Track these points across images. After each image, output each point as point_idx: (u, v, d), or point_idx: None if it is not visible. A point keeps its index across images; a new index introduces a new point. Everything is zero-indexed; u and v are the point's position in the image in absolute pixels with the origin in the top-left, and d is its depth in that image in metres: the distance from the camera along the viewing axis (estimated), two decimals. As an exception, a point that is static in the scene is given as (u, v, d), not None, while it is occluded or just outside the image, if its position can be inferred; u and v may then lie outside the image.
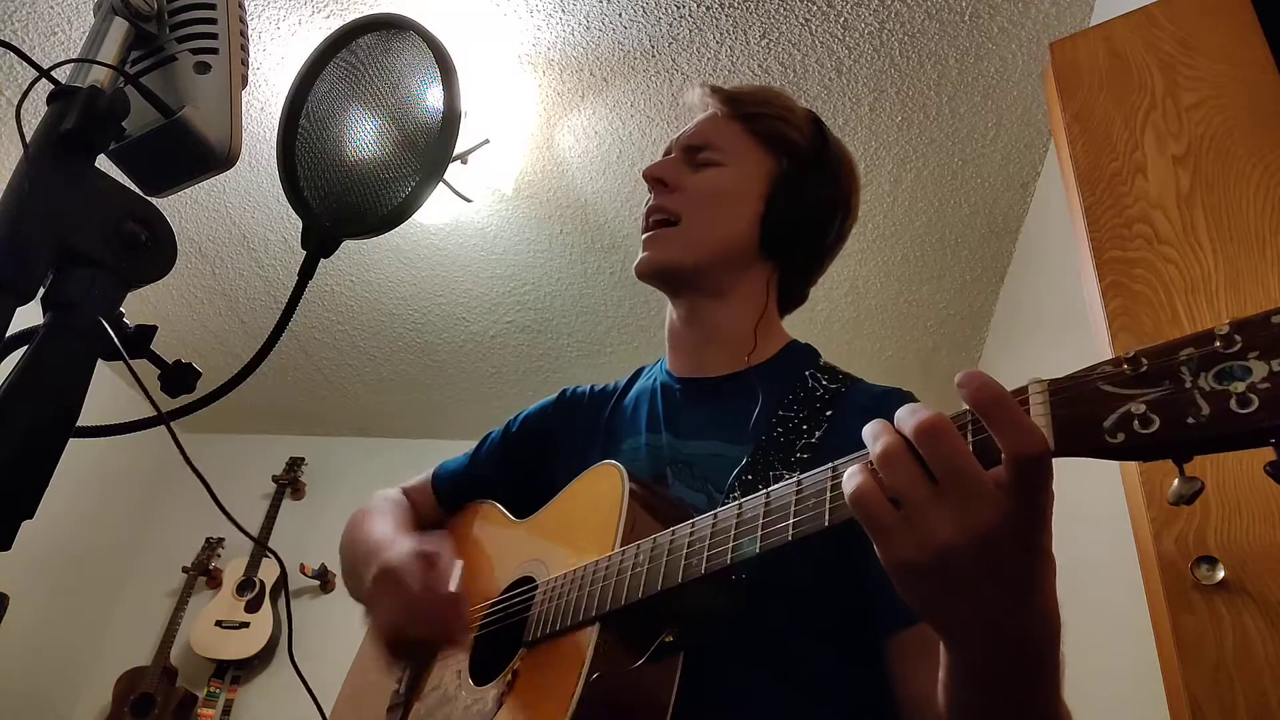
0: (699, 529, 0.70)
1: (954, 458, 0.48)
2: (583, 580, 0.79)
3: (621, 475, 0.84)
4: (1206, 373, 0.43)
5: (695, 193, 1.01)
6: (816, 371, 0.97)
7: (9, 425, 0.48)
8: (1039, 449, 0.46)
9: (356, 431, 4.32)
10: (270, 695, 3.66)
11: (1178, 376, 0.43)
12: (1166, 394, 0.43)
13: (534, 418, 1.15)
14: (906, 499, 0.50)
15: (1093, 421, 0.46)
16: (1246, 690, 1.06)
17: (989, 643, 0.53)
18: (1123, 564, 1.45)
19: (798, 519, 0.60)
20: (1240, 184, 1.32)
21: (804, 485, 0.61)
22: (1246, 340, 0.42)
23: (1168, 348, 0.44)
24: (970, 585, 0.50)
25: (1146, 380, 0.44)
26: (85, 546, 3.76)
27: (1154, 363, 0.44)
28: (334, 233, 0.65)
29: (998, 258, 3.01)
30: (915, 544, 0.50)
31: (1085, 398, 0.46)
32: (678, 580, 0.69)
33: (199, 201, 2.98)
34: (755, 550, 0.63)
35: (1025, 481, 0.47)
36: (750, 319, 1.01)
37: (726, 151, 1.02)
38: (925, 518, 0.49)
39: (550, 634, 0.80)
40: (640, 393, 1.08)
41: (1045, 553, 0.51)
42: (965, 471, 0.48)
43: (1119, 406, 0.45)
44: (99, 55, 0.58)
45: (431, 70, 0.64)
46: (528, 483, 1.07)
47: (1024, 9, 2.19)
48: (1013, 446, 0.46)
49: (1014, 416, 0.47)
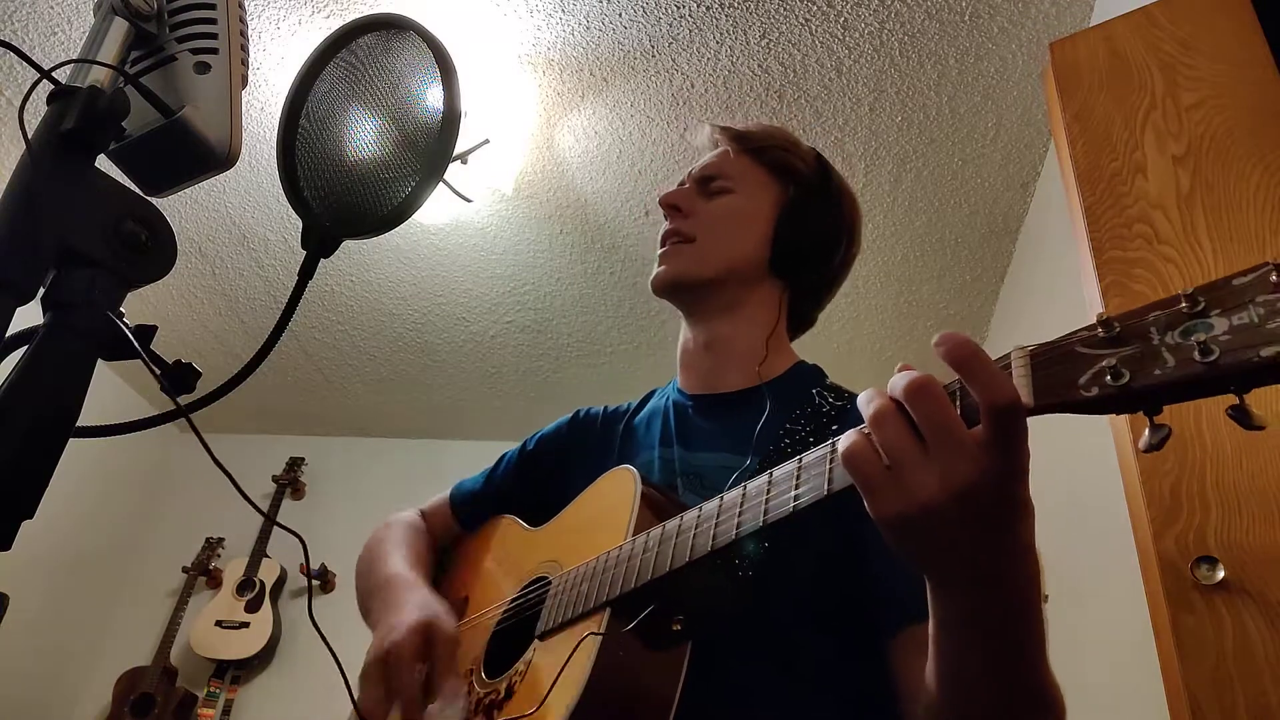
0: (706, 511, 0.72)
1: (939, 413, 0.52)
2: (594, 571, 0.81)
3: (634, 477, 0.87)
4: (1173, 331, 0.46)
5: (709, 216, 1.06)
6: (823, 390, 1.01)
7: (9, 425, 0.48)
8: (1009, 397, 0.50)
9: (356, 431, 4.32)
10: (270, 695, 3.66)
11: (1146, 335, 0.47)
12: (1136, 351, 0.47)
13: (549, 438, 1.19)
14: (895, 456, 0.53)
15: (1068, 378, 0.49)
16: (1246, 690, 1.06)
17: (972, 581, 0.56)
18: (1123, 564, 1.45)
19: (799, 489, 0.62)
20: (1240, 184, 1.32)
21: (805, 461, 0.64)
22: (1209, 300, 0.45)
23: (1138, 311, 0.48)
24: (954, 535, 0.53)
25: (1118, 341, 0.48)
26: (85, 546, 3.76)
27: (1125, 325, 0.48)
28: (334, 233, 0.65)
29: (998, 258, 3.01)
30: (903, 499, 0.53)
31: (1062, 359, 0.50)
32: (686, 559, 0.70)
33: (199, 201, 2.98)
34: (759, 522, 0.64)
35: (1001, 434, 0.50)
36: (761, 333, 1.06)
37: (737, 179, 1.09)
38: (912, 473, 0.52)
39: (562, 624, 0.81)
40: (653, 411, 1.12)
41: (1024, 502, 0.54)
42: (949, 426, 0.52)
43: (1093, 364, 0.49)
44: (99, 55, 0.58)
45: (431, 70, 0.64)
46: (544, 500, 1.09)
47: (1024, 9, 2.19)
48: (986, 396, 0.50)
49: (987, 368, 0.50)
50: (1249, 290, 0.44)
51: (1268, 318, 0.43)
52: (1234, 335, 0.44)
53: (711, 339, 1.07)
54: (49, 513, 0.50)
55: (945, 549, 0.55)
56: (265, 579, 3.82)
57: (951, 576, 0.57)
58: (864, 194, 2.77)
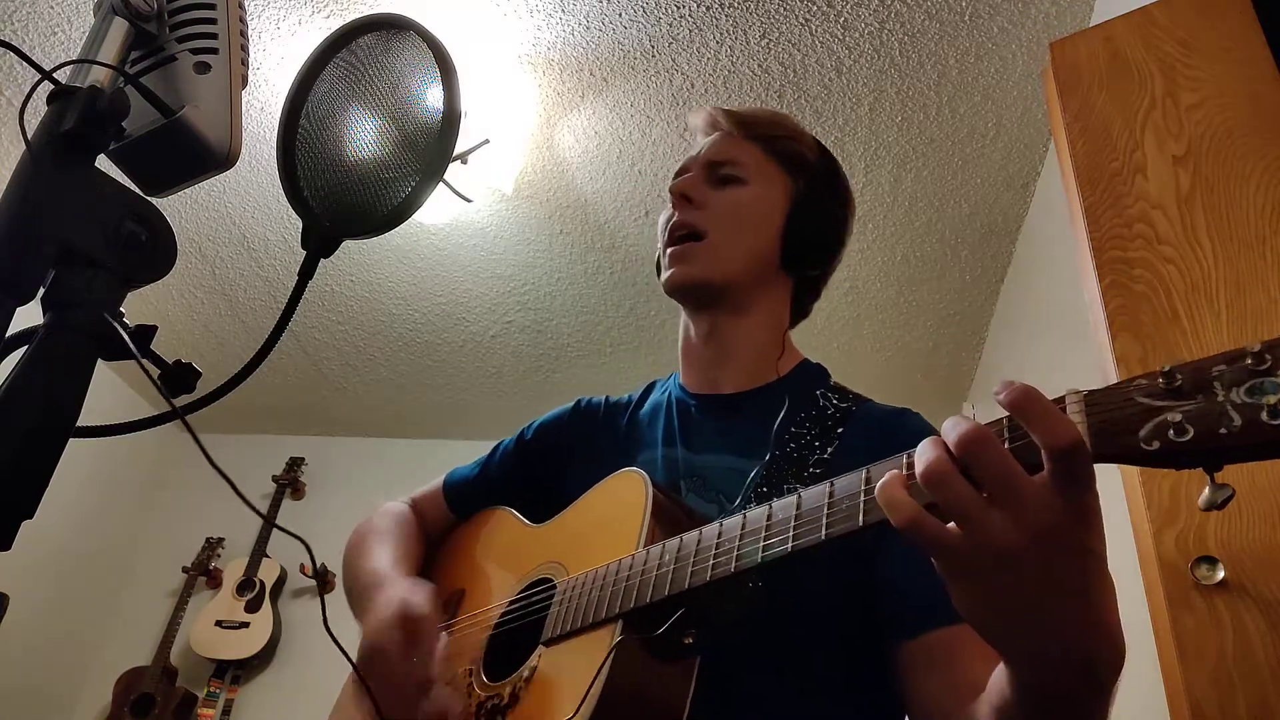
0: (727, 529, 0.70)
1: (1000, 462, 0.50)
2: (604, 580, 0.79)
3: (645, 481, 0.85)
4: (1239, 388, 0.45)
5: (721, 209, 1.02)
6: (827, 391, 0.99)
7: (9, 425, 0.48)
8: (1073, 437, 0.48)
9: (356, 431, 4.32)
10: (270, 695, 3.66)
11: (1210, 390, 0.46)
12: (1200, 406, 0.46)
13: (549, 426, 1.16)
14: (960, 511, 0.51)
15: (1128, 428, 0.48)
16: (1246, 690, 1.06)
17: (1051, 658, 0.53)
18: (1123, 564, 1.45)
19: (831, 518, 0.60)
20: (1240, 184, 1.32)
21: (837, 488, 0.62)
22: (1276, 358, 0.44)
23: (1201, 364, 0.47)
24: (1029, 591, 0.51)
25: (1180, 394, 0.47)
26: (85, 546, 3.76)
27: (1188, 377, 0.47)
28: (334, 233, 0.65)
29: (998, 258, 3.01)
30: (975, 552, 0.50)
31: (1120, 406, 0.49)
32: (706, 578, 0.69)
33: (199, 201, 2.98)
34: (787, 549, 0.63)
35: (1067, 476, 0.48)
36: (770, 333, 1.04)
37: (749, 169, 1.04)
38: (982, 524, 0.50)
39: (569, 632, 0.80)
40: (655, 406, 1.10)
41: (1099, 559, 0.51)
42: (1011, 474, 0.49)
43: (1154, 416, 0.47)
44: (99, 55, 0.58)
45: (431, 70, 0.64)
46: (540, 490, 1.07)
47: (1024, 9, 2.19)
48: (1049, 439, 0.48)
49: (1048, 410, 0.48)
50: None
51: None
52: None
53: (717, 337, 1.04)
54: (49, 513, 0.50)
55: (1023, 609, 0.51)
56: (265, 579, 3.82)
57: (1029, 641, 0.54)
58: (864, 194, 2.77)
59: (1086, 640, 0.52)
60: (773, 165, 1.05)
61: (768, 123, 1.09)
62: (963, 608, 0.54)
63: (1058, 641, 0.52)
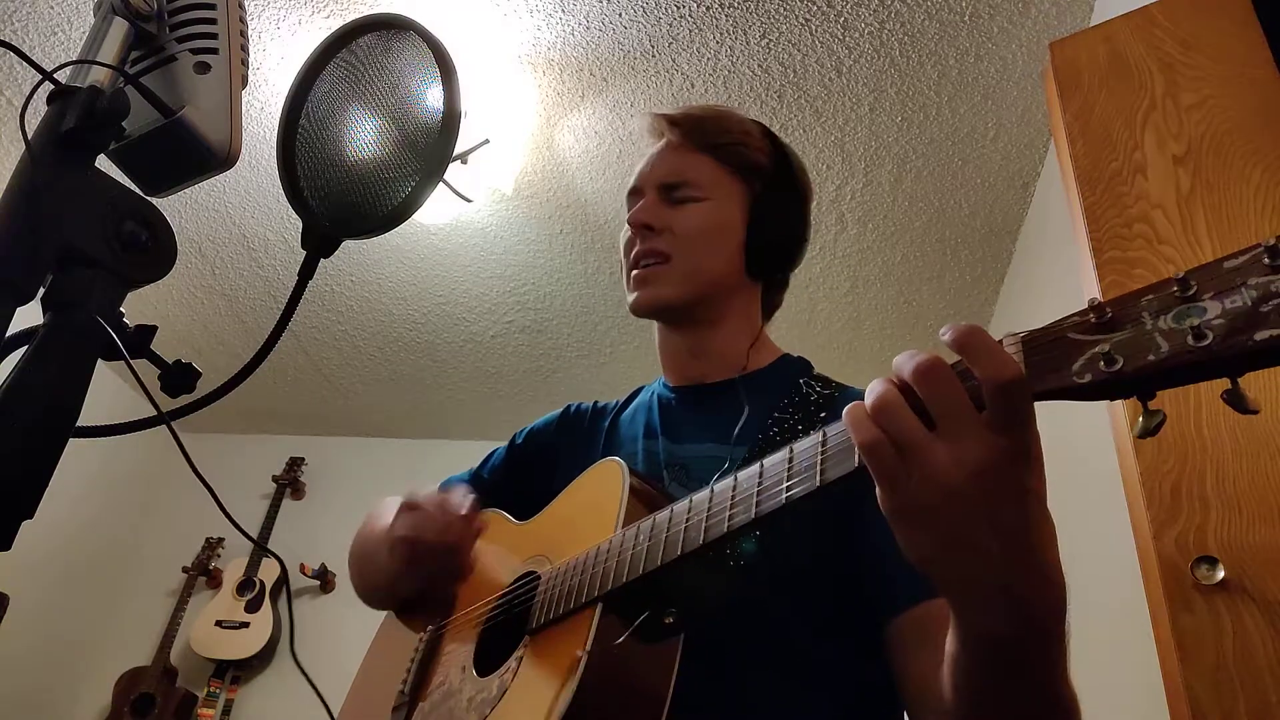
0: (696, 502, 0.70)
1: (950, 394, 0.51)
2: (584, 565, 0.80)
3: (621, 468, 0.86)
4: (1165, 315, 0.46)
5: (682, 232, 1.02)
6: (810, 379, 1.00)
7: (9, 425, 0.48)
8: (1015, 372, 0.49)
9: (356, 431, 4.32)
10: (270, 695, 3.66)
11: (1139, 320, 0.47)
12: (1129, 336, 0.47)
13: (538, 432, 1.18)
14: (906, 440, 0.52)
15: (1062, 364, 0.49)
16: (1246, 690, 1.06)
17: (993, 599, 0.54)
18: (1123, 564, 1.45)
19: (791, 482, 0.61)
20: (1240, 184, 1.32)
21: (795, 452, 0.62)
22: (1201, 284, 0.45)
23: (1129, 296, 0.48)
24: (970, 529, 0.51)
25: (1110, 326, 0.48)
26: (85, 546, 3.76)
27: (1117, 310, 0.48)
28: (334, 233, 0.65)
29: (998, 258, 3.01)
30: (918, 485, 0.51)
31: (1054, 344, 0.50)
32: (678, 553, 0.69)
33: (199, 201, 2.98)
34: (751, 516, 0.63)
35: (1007, 411, 0.50)
36: (743, 339, 1.05)
37: (704, 186, 1.04)
38: (925, 457, 0.51)
39: (553, 619, 0.80)
40: (638, 406, 1.11)
41: (1039, 499, 0.52)
42: (960, 406, 0.51)
43: (1086, 350, 0.48)
44: (99, 55, 0.58)
45: (431, 70, 0.64)
46: (531, 495, 1.08)
47: (1024, 9, 2.19)
48: (990, 373, 0.49)
49: (990, 347, 0.50)
50: (1241, 273, 0.44)
51: (1261, 300, 0.42)
52: (1227, 319, 0.43)
53: (693, 345, 1.06)
54: (49, 513, 0.50)
55: (964, 546, 0.52)
56: (265, 579, 3.82)
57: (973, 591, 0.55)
58: (864, 194, 2.77)
59: (1026, 578, 0.53)
60: (727, 176, 1.05)
61: (715, 129, 1.08)
62: (905, 545, 0.55)
63: (996, 579, 0.53)
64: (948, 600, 0.57)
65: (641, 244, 1.03)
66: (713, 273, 1.02)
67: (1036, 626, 0.55)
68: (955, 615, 0.58)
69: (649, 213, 1.04)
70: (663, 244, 1.02)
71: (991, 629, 0.55)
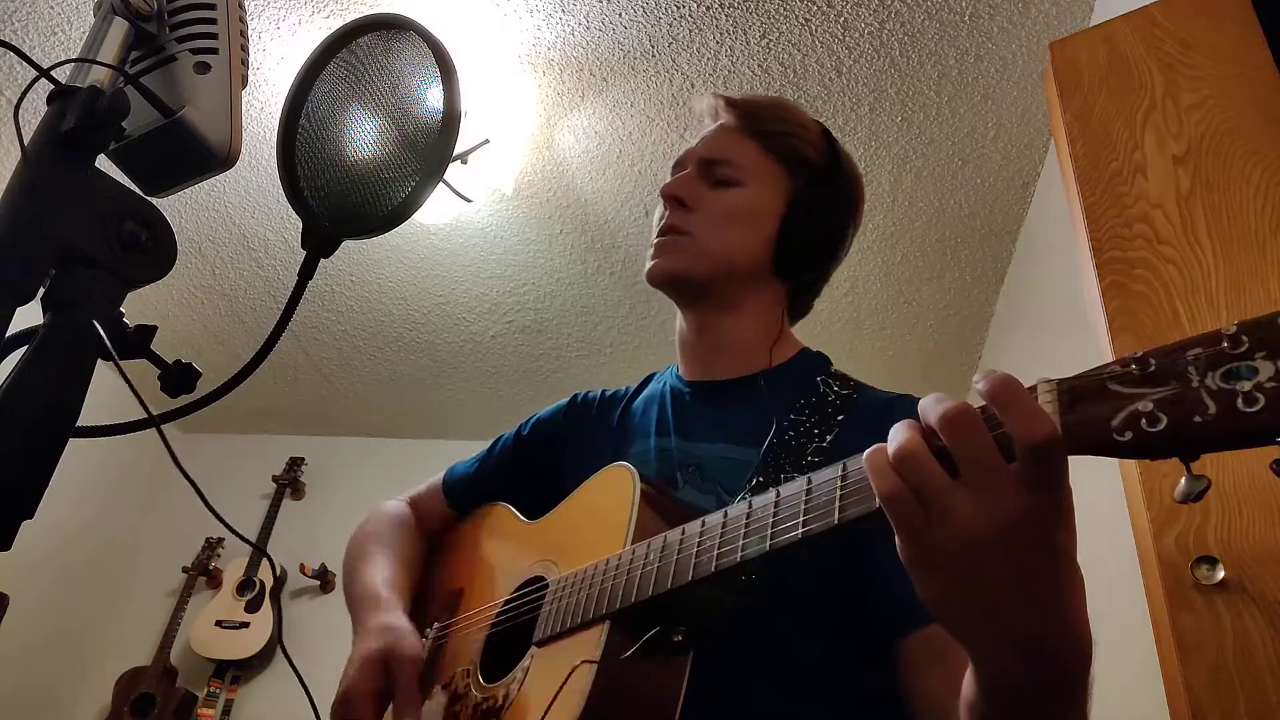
0: (709, 526, 0.69)
1: (977, 443, 0.49)
2: (592, 579, 0.79)
3: (632, 476, 0.85)
4: (1213, 372, 0.42)
5: (712, 213, 1.00)
6: (828, 378, 0.97)
7: (9, 425, 0.48)
8: (1049, 432, 0.46)
9: (356, 431, 4.32)
10: (270, 695, 3.65)
11: (1184, 376, 0.43)
12: (1173, 393, 0.43)
13: (545, 421, 1.16)
14: (928, 490, 0.50)
15: (1100, 419, 0.46)
16: (1246, 690, 1.06)
17: (1012, 652, 0.52)
18: (1123, 564, 1.45)
19: (807, 517, 0.59)
20: (1240, 184, 1.32)
21: (814, 484, 0.61)
22: (1253, 341, 0.42)
23: (1175, 348, 0.44)
24: (991, 582, 0.50)
25: (1153, 380, 0.44)
26: (85, 546, 3.76)
27: (1161, 363, 0.44)
28: (334, 233, 0.65)
29: (998, 258, 3.01)
30: (938, 533, 0.50)
31: (1093, 396, 0.46)
32: (688, 578, 0.68)
33: (199, 201, 2.97)
34: (765, 548, 0.62)
35: (1040, 470, 0.47)
36: (765, 326, 1.02)
37: (745, 170, 1.02)
38: (947, 504, 0.49)
39: (560, 632, 0.80)
40: (650, 397, 1.09)
41: (1068, 557, 0.50)
42: (987, 457, 0.48)
43: (1127, 405, 0.45)
44: (99, 55, 0.58)
45: (431, 70, 0.64)
46: (538, 486, 1.07)
47: (1024, 9, 2.19)
48: (1024, 431, 0.46)
49: (1026, 402, 0.47)
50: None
51: None
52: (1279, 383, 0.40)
53: (708, 332, 1.04)
54: (49, 513, 0.50)
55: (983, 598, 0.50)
56: (265, 579, 3.82)
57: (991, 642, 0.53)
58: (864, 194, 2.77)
59: (1048, 633, 0.51)
60: (771, 164, 1.02)
61: (771, 116, 1.05)
62: (921, 590, 0.53)
63: (1016, 635, 0.51)
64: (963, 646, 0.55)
65: (669, 217, 1.02)
66: (731, 256, 0.99)
67: (1056, 680, 0.53)
68: (972, 661, 0.56)
69: (682, 186, 1.02)
70: (689, 222, 1.00)
71: (1008, 678, 0.54)
